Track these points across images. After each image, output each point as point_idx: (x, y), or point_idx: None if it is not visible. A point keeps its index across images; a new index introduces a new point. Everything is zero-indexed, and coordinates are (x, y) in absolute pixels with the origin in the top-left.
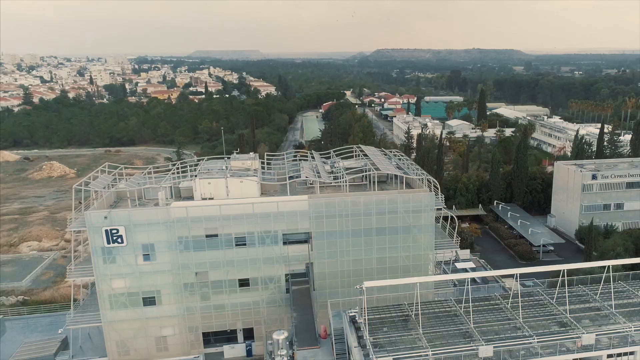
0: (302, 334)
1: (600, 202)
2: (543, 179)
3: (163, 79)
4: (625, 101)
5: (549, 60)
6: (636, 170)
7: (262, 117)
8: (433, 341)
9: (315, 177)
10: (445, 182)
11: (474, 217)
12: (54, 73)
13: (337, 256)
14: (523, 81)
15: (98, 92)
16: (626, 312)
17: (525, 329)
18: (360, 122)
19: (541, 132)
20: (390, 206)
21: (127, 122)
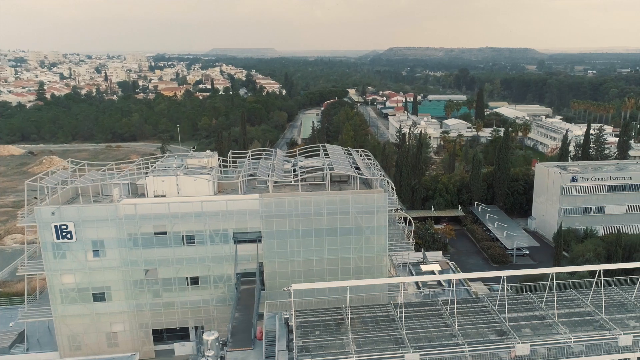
0: (238, 334)
1: (580, 206)
2: (526, 180)
3: (176, 76)
4: (625, 101)
5: (563, 59)
6: (618, 173)
7: (260, 115)
8: (362, 346)
9: (267, 175)
10: (425, 182)
11: (453, 218)
12: (73, 70)
13: (288, 256)
14: (531, 80)
15: (111, 88)
16: (571, 322)
17: (459, 336)
18: (353, 121)
19: (537, 132)
20: (342, 206)
21: (129, 118)
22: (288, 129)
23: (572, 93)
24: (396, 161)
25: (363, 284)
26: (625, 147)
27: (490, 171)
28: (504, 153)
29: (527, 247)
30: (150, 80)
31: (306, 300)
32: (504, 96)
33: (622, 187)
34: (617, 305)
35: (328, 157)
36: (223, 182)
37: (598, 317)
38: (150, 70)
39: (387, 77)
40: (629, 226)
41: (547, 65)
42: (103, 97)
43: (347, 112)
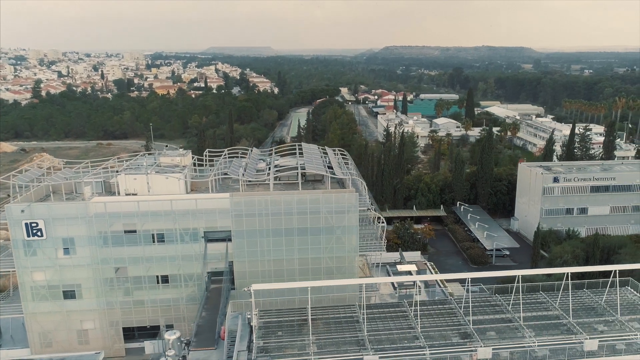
0: (203, 334)
1: (562, 206)
2: (509, 180)
3: (172, 75)
4: (615, 101)
5: (560, 58)
6: (601, 173)
7: (250, 113)
8: (322, 348)
9: (239, 174)
10: (407, 181)
11: (436, 218)
12: (71, 68)
13: (258, 256)
14: (525, 79)
15: (106, 86)
16: (538, 325)
17: (421, 339)
18: (340, 120)
19: (526, 131)
20: (312, 206)
21: (121, 116)
22: (278, 128)
23: (567, 92)
24: (378, 160)
25: (325, 285)
26: (610, 148)
27: (474, 171)
28: (487, 153)
29: (507, 248)
30: (147, 79)
31: (278, 300)
32: (498, 95)
33: (606, 188)
34: (587, 308)
35: (303, 157)
36: (196, 181)
37: (566, 320)
38: (147, 68)
39: (382, 76)
40: (612, 227)
41: (543, 64)
42: (97, 95)
43: (335, 111)
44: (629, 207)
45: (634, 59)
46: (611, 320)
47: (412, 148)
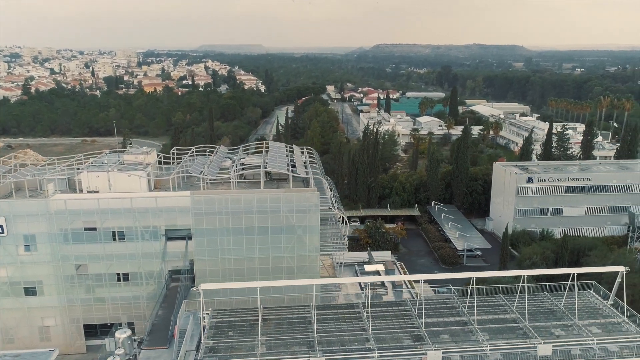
0: (157, 332)
1: (536, 207)
2: (485, 180)
3: (162, 72)
4: (600, 100)
5: (552, 56)
6: (577, 174)
7: (234, 111)
8: (271, 349)
9: (199, 172)
10: (382, 180)
11: (410, 218)
12: (63, 65)
13: (218, 254)
14: (514, 78)
15: (96, 83)
16: (494, 329)
17: (372, 341)
18: (321, 118)
19: (509, 130)
20: (272, 205)
21: (107, 113)
22: (262, 125)
23: (555, 91)
24: (352, 159)
25: (276, 285)
26: (589, 147)
27: (449, 170)
28: (462, 152)
29: (479, 248)
30: (137, 76)
31: (235, 299)
32: (486, 93)
33: (581, 189)
34: (546, 312)
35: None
36: (161, 179)
37: (522, 324)
38: (139, 66)
39: (370, 74)
40: (588, 229)
41: (534, 62)
42: (86, 92)
43: (317, 109)
44: (605, 208)
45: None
46: (569, 325)
47: (393, 146)
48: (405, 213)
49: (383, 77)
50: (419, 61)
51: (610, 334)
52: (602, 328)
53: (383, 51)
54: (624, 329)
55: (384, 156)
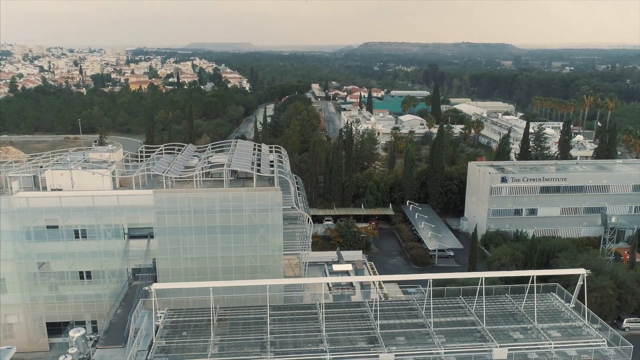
0: (113, 331)
1: (510, 207)
2: (461, 179)
3: (149, 70)
4: (584, 99)
5: (542, 55)
6: (551, 174)
7: (216, 109)
8: (224, 349)
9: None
10: (356, 179)
11: (385, 217)
12: (53, 63)
13: (181, 253)
14: (501, 77)
15: (84, 81)
16: (451, 331)
17: (325, 342)
18: (301, 116)
19: (491, 129)
20: (235, 204)
21: (90, 110)
22: (244, 123)
23: (542, 90)
24: (326, 157)
25: (230, 285)
26: (566, 147)
27: (424, 169)
28: (437, 151)
29: (451, 248)
30: (124, 74)
31: (195, 299)
32: (473, 92)
33: (556, 189)
34: (506, 315)
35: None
36: (126, 177)
37: (480, 327)
38: (127, 64)
39: (357, 72)
40: (563, 229)
41: (523, 61)
42: (72, 90)
43: (297, 107)
44: (581, 209)
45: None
46: (529, 328)
47: (372, 145)
48: (379, 212)
49: (370, 75)
50: (407, 59)
51: (570, 338)
52: (562, 332)
53: (371, 49)
54: (584, 333)
55: (363, 155)
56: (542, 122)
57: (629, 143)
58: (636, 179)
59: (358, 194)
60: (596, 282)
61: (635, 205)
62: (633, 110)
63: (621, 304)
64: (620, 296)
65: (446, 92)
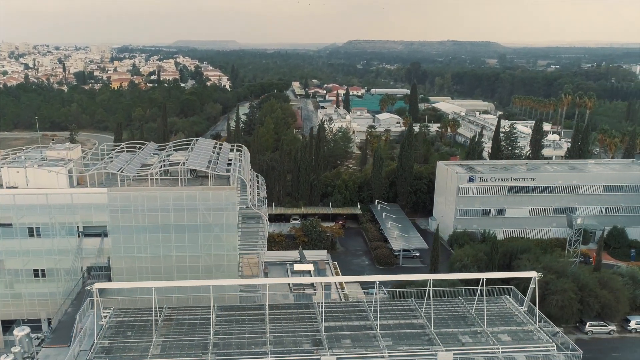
0: (61, 330)
1: (478, 207)
2: (430, 179)
3: (132, 67)
4: (562, 98)
5: (527, 53)
6: (519, 174)
7: (193, 107)
8: (166, 350)
9: (117, 169)
10: (325, 178)
11: (353, 216)
12: (37, 60)
13: (135, 252)
14: (483, 75)
15: (66, 78)
16: (398, 334)
17: (269, 344)
18: (275, 114)
19: (468, 128)
20: (189, 203)
21: (69, 108)
22: (221, 121)
23: (525, 88)
24: (294, 156)
25: (174, 285)
26: (537, 146)
27: (393, 168)
28: (406, 150)
29: (417, 249)
30: (108, 71)
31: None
32: (455, 90)
33: (525, 189)
34: (457, 318)
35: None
36: (83, 175)
37: (429, 330)
38: (111, 61)
39: (340, 70)
40: (532, 230)
41: (509, 59)
42: (53, 87)
43: (272, 105)
44: (550, 210)
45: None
46: (479, 332)
47: (346, 144)
48: (347, 211)
49: (352, 73)
50: (391, 58)
51: (520, 342)
52: (513, 336)
53: (356, 47)
54: (535, 338)
55: (336, 153)
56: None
57: (604, 143)
58: (607, 179)
59: (326, 193)
60: (557, 284)
61: (606, 206)
62: (615, 109)
63: (583, 307)
64: (583, 299)
65: (428, 91)
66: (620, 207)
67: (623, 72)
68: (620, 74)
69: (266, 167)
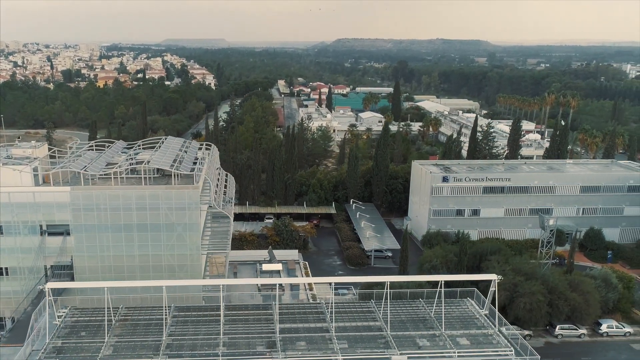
0: (20, 329)
1: (452, 207)
2: (406, 178)
3: (120, 66)
4: (545, 97)
5: (518, 51)
6: (494, 174)
7: (176, 105)
8: (118, 351)
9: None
10: (300, 177)
11: (328, 216)
12: (27, 58)
13: (97, 251)
14: (470, 73)
15: (53, 76)
16: (354, 337)
17: (221, 346)
18: (256, 112)
19: (450, 127)
20: (151, 202)
21: (52, 105)
22: (204, 120)
23: (512, 87)
24: (269, 155)
25: (125, 286)
26: (515, 146)
27: (369, 168)
28: (382, 149)
29: (390, 249)
30: (95, 69)
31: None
32: (442, 89)
33: (500, 189)
34: (417, 321)
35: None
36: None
37: (386, 332)
38: (100, 59)
39: (327, 69)
40: (507, 231)
41: (498, 57)
42: (38, 85)
43: (253, 104)
44: (526, 210)
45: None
46: (437, 335)
47: (326, 142)
48: (322, 211)
49: (339, 71)
50: (380, 56)
51: (478, 346)
52: (472, 339)
53: (344, 45)
54: (494, 342)
55: (315, 152)
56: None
57: (585, 142)
58: (584, 179)
59: (302, 192)
60: (525, 287)
61: (583, 207)
62: (602, 108)
63: (552, 310)
64: (552, 302)
65: (415, 89)
66: (598, 208)
67: (613, 70)
68: (610, 72)
69: (241, 166)
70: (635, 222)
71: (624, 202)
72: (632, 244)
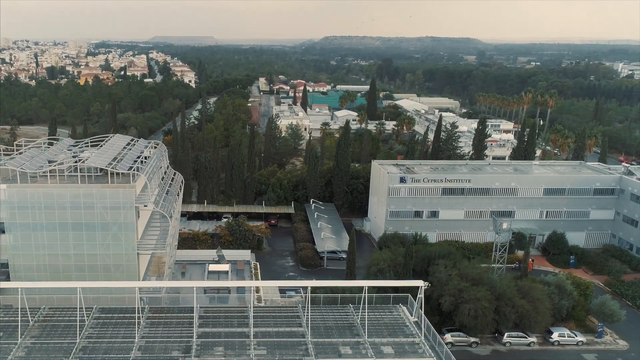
0: None
1: (410, 209)
2: (367, 178)
3: (105, 62)
4: (522, 96)
5: (509, 49)
6: (454, 175)
7: (152, 102)
8: (31, 353)
9: (17, 165)
10: (259, 176)
11: (287, 215)
12: (14, 55)
13: (33, 250)
14: (456, 72)
15: (37, 73)
16: (273, 343)
17: (137, 350)
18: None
19: (424, 126)
20: (86, 200)
21: (29, 102)
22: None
23: (498, 85)
24: (228, 153)
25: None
26: (480, 146)
27: (330, 167)
28: (342, 148)
29: (345, 250)
30: (81, 66)
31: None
32: (427, 87)
33: (460, 191)
34: (343, 327)
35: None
36: None
37: (308, 339)
38: (87, 56)
39: (312, 66)
40: (467, 233)
41: (488, 55)
42: (20, 82)
43: (224, 101)
44: (487, 213)
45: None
46: (361, 342)
47: (296, 141)
48: (280, 210)
49: (324, 69)
50: (367, 54)
51: (402, 355)
52: (397, 347)
53: (332, 43)
54: (419, 351)
55: (283, 151)
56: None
57: (557, 143)
58: (548, 182)
59: (261, 192)
60: (471, 292)
61: (547, 210)
62: (586, 107)
63: (499, 317)
64: (499, 308)
65: (398, 87)
66: (562, 212)
67: (604, 69)
68: (601, 71)
69: (202, 164)
70: (602, 226)
71: (590, 206)
72: (598, 249)
